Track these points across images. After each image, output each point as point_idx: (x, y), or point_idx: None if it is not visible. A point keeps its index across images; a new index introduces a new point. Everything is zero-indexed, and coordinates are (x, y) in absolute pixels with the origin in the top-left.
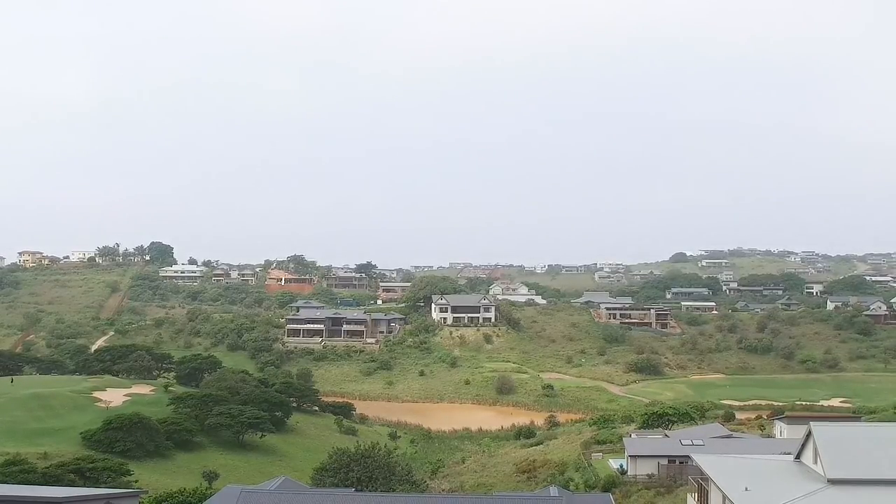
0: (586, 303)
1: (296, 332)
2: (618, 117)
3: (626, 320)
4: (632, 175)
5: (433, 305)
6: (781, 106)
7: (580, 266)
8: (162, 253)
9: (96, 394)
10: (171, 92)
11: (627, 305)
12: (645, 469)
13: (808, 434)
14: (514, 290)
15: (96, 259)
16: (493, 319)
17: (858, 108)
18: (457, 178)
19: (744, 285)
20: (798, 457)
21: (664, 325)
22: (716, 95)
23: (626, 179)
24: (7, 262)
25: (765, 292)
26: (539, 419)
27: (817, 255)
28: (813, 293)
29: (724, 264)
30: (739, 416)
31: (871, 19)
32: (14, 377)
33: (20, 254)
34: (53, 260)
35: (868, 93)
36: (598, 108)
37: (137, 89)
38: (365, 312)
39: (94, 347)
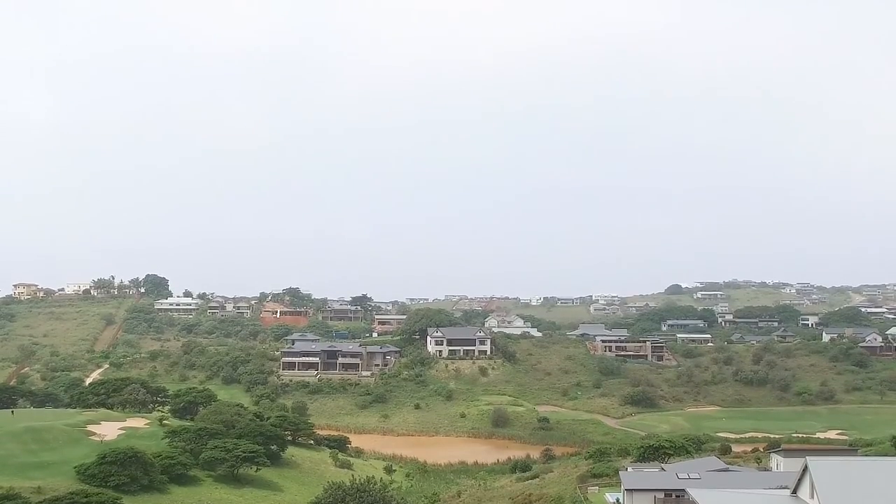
0: (582, 335)
1: (291, 365)
2: (609, 151)
3: (622, 353)
4: (626, 206)
5: (429, 338)
6: (775, 135)
7: (576, 298)
8: (157, 285)
9: (91, 427)
10: (164, 120)
11: (623, 338)
12: (641, 503)
13: (805, 468)
14: (509, 322)
15: (91, 291)
16: (488, 352)
17: (855, 135)
18: (448, 208)
19: (739, 317)
20: (794, 491)
21: (660, 358)
22: (717, 125)
23: (621, 211)
24: (2, 294)
25: (760, 324)
26: (535, 452)
27: (812, 286)
28: (808, 325)
29: (719, 296)
30: (736, 448)
31: (867, 40)
32: (12, 409)
33: (15, 286)
34: (48, 292)
35: (867, 119)
36: (590, 137)
37: (121, 114)
38: (360, 345)
39: (88, 380)
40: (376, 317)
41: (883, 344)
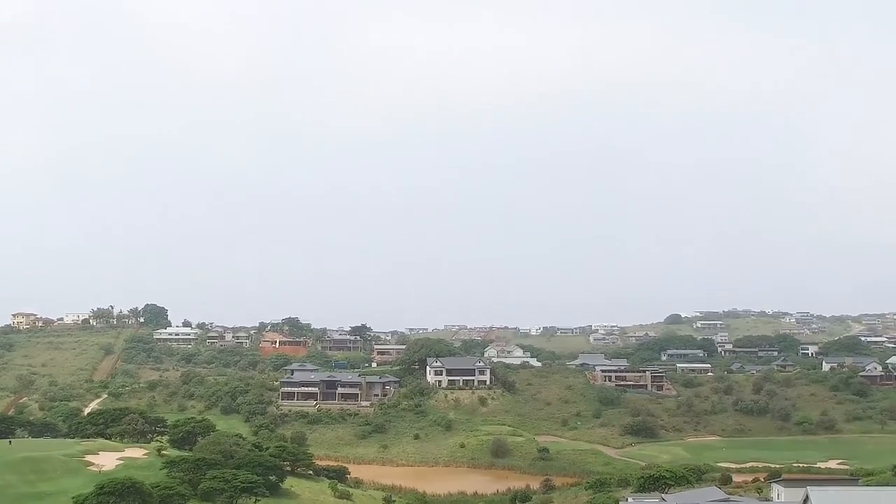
0: (581, 365)
1: (290, 395)
2: (601, 180)
3: (622, 382)
4: (624, 235)
5: (428, 368)
6: (772, 162)
7: (575, 328)
8: (156, 315)
9: (89, 457)
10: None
11: (623, 367)
12: None
13: (806, 498)
14: (509, 352)
15: (90, 321)
16: (488, 382)
17: (852, 163)
18: (447, 237)
19: (739, 347)
20: None
21: (660, 388)
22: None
23: (618, 240)
24: (1, 323)
25: (760, 353)
26: (534, 483)
27: (812, 315)
28: (808, 354)
29: (719, 326)
30: (736, 478)
31: (861, 71)
32: (10, 439)
33: (14, 315)
34: (47, 322)
35: (865, 148)
36: (587, 172)
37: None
38: (359, 375)
39: (87, 410)
40: (375, 347)
41: (883, 373)
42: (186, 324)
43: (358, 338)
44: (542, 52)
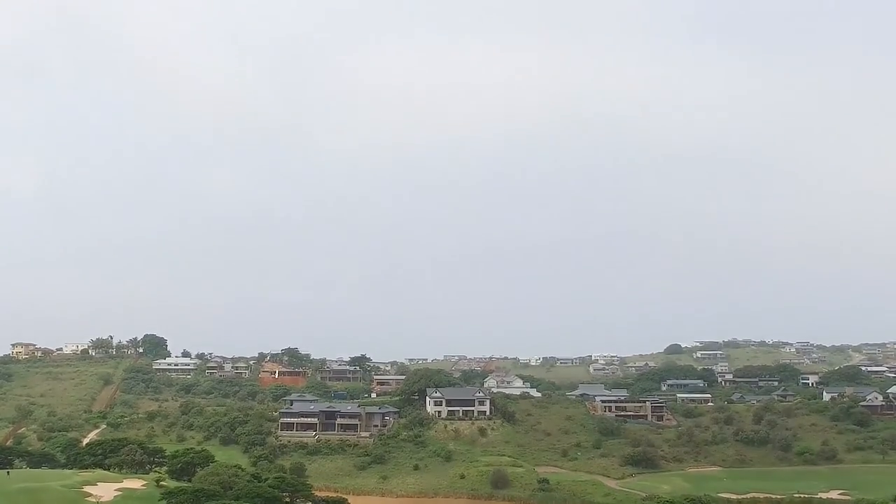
0: (581, 395)
1: (289, 426)
2: (605, 212)
3: (622, 413)
4: (624, 265)
5: (427, 398)
6: (770, 192)
7: (575, 358)
8: (155, 345)
9: (87, 488)
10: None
11: (623, 398)
12: None
13: None
14: (508, 382)
15: (90, 351)
16: (487, 412)
17: (850, 194)
18: (445, 268)
19: (739, 377)
20: None
21: (660, 418)
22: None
23: (618, 270)
24: (0, 353)
25: (760, 383)
26: None
27: (812, 345)
28: (809, 384)
29: (718, 356)
30: None
31: (853, 105)
32: (8, 470)
33: (13, 345)
34: (46, 352)
35: (863, 179)
36: (584, 198)
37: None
38: (359, 406)
39: (85, 441)
40: (375, 377)
41: (884, 403)
42: (186, 354)
43: (357, 368)
44: (527, 85)
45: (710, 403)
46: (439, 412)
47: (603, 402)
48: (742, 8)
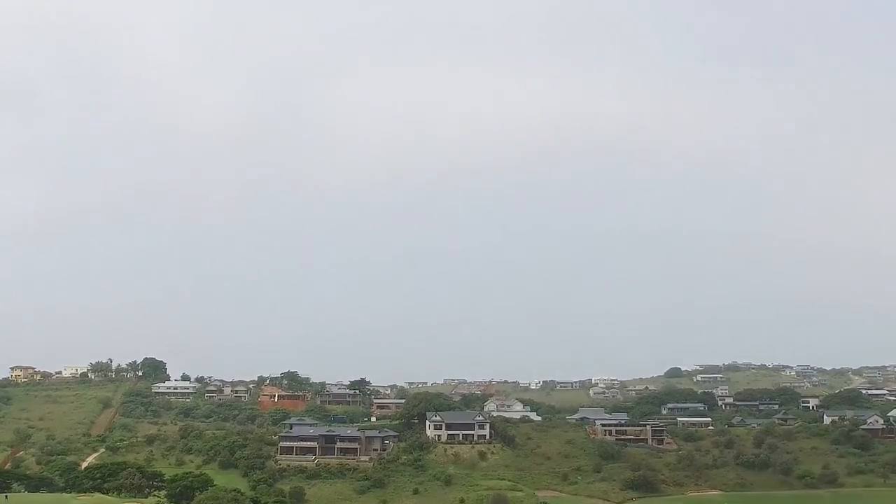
0: (581, 419)
1: (289, 450)
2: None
3: (622, 437)
4: (622, 288)
5: (427, 422)
6: (769, 216)
7: (575, 382)
8: (155, 369)
9: None
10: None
11: (623, 422)
12: None
13: None
14: (508, 406)
15: (89, 374)
16: (487, 436)
17: (851, 218)
18: (444, 292)
19: (739, 400)
20: None
21: (660, 441)
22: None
23: (617, 293)
24: None
25: (761, 407)
26: None
27: (812, 368)
28: (809, 407)
29: (719, 379)
30: None
31: (848, 119)
32: (6, 494)
33: (12, 369)
34: (45, 375)
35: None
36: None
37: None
38: (358, 429)
39: (84, 464)
40: (375, 401)
41: (885, 426)
42: (185, 377)
43: (357, 392)
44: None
45: (710, 427)
46: (439, 436)
47: (603, 425)
48: (748, 29)
